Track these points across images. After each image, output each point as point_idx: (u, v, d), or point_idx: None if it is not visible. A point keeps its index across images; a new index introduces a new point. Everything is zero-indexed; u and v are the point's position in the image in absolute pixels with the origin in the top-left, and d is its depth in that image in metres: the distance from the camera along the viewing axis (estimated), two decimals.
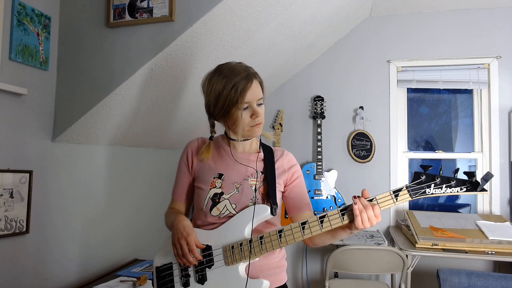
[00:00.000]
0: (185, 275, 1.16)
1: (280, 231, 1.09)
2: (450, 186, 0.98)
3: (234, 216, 1.16)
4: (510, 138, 2.76)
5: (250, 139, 1.26)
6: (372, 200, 1.03)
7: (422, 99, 3.13)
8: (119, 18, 1.70)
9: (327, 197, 2.88)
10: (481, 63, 2.85)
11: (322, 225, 1.06)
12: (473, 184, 0.97)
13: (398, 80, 2.99)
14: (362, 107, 2.99)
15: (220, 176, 1.21)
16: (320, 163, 2.92)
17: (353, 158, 2.99)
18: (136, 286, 1.76)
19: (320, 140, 2.95)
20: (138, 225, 2.38)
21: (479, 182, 0.96)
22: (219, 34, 1.80)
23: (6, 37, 1.51)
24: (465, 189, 0.98)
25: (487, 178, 0.95)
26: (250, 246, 1.10)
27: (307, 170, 2.93)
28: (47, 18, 1.71)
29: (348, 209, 1.04)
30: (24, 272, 1.64)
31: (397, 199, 1.01)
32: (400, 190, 1.01)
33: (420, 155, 3.04)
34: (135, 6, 1.69)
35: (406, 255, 2.20)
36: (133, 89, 1.77)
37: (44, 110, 1.73)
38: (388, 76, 3.00)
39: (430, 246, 2.22)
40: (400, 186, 1.03)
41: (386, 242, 2.51)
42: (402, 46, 2.98)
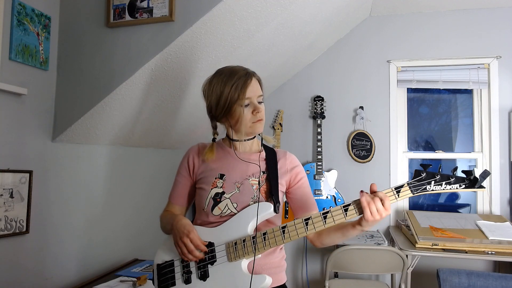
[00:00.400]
0: (186, 272, 1.16)
1: (283, 227, 1.10)
2: (449, 183, 1.01)
3: (236, 214, 1.16)
4: (510, 138, 2.76)
5: (251, 140, 1.27)
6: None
7: (422, 99, 3.13)
8: (119, 18, 1.71)
9: (327, 197, 2.88)
10: (481, 63, 2.85)
11: (326, 221, 1.06)
12: (471, 181, 0.99)
13: (398, 80, 2.99)
14: (362, 107, 2.99)
15: (221, 176, 1.22)
16: (320, 163, 2.92)
17: (353, 158, 2.99)
18: (136, 286, 1.76)
19: (320, 140, 2.95)
20: (138, 225, 2.38)
21: (478, 179, 0.98)
22: (219, 34, 1.80)
23: (6, 37, 1.52)
24: (464, 185, 1.00)
25: (485, 175, 0.97)
26: (254, 242, 1.11)
27: (307, 170, 2.93)
28: (47, 18, 1.72)
29: (351, 204, 1.05)
30: (24, 272, 1.64)
31: (398, 195, 1.03)
32: (401, 186, 1.03)
33: (420, 155, 3.04)
34: (135, 6, 1.69)
35: (406, 255, 2.20)
36: (133, 89, 1.77)
37: (44, 110, 1.73)
38: (388, 76, 3.00)
39: (430, 246, 2.22)
40: (401, 183, 1.05)
41: (386, 242, 2.51)
42: (402, 46, 2.98)
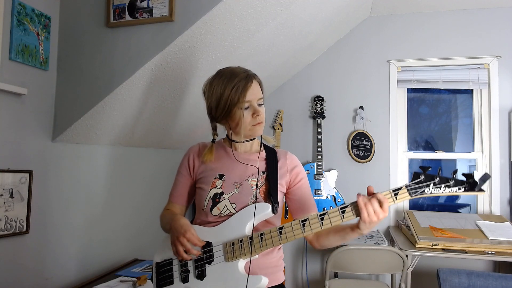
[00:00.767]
0: (184, 271, 1.17)
1: (280, 228, 1.10)
2: (448, 186, 0.99)
3: (234, 214, 1.16)
4: (510, 138, 2.75)
5: (251, 140, 1.26)
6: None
7: (422, 99, 3.13)
8: (119, 18, 1.71)
9: (327, 197, 2.88)
10: (481, 63, 2.85)
11: (322, 222, 1.06)
12: (471, 184, 0.98)
13: (398, 80, 2.99)
14: (362, 107, 2.99)
15: (221, 176, 1.22)
16: (320, 163, 2.92)
17: (353, 158, 2.99)
18: (136, 286, 1.76)
19: (320, 140, 2.95)
20: (138, 225, 2.39)
21: (477, 182, 0.96)
22: (219, 34, 1.80)
23: (6, 37, 1.52)
24: (463, 189, 0.98)
25: (485, 178, 0.96)
26: (251, 242, 1.11)
27: (307, 170, 2.93)
28: (47, 18, 1.71)
29: (349, 206, 1.05)
30: (24, 272, 1.64)
31: (396, 198, 1.02)
32: (399, 189, 1.02)
33: (420, 155, 3.04)
34: (135, 6, 1.69)
35: (406, 255, 2.20)
36: (133, 89, 1.77)
37: (44, 110, 1.73)
38: (388, 76, 3.00)
39: (430, 246, 2.22)
40: (399, 185, 1.04)
41: (386, 242, 2.51)
42: (402, 46, 2.98)
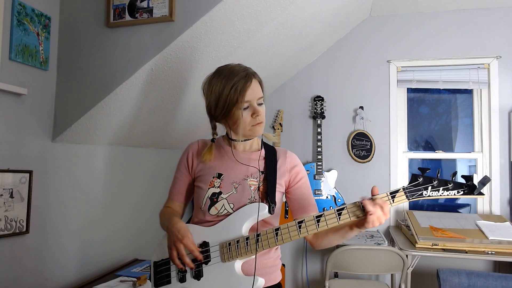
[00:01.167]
0: (181, 271, 1.18)
1: (276, 229, 1.10)
2: (447, 189, 0.98)
3: (231, 214, 1.16)
4: (510, 138, 2.75)
5: (251, 139, 1.26)
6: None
7: (422, 99, 3.13)
8: (119, 18, 1.70)
9: (327, 197, 2.88)
10: (481, 63, 2.85)
11: (319, 224, 1.06)
12: (470, 187, 0.96)
13: (398, 80, 2.99)
14: (362, 107, 2.99)
15: (219, 176, 1.21)
16: (320, 163, 2.92)
17: (353, 158, 2.99)
18: (136, 286, 1.76)
19: (320, 140, 2.95)
20: (138, 225, 2.38)
21: (476, 185, 0.95)
22: (219, 34, 1.80)
23: (6, 37, 1.51)
24: (462, 192, 0.97)
25: (485, 182, 0.94)
26: (247, 243, 1.11)
27: (307, 170, 2.93)
28: (47, 18, 1.71)
29: (345, 208, 1.05)
30: (24, 272, 1.64)
31: (393, 200, 1.01)
32: (397, 191, 1.02)
33: (420, 155, 3.04)
34: (135, 6, 1.69)
35: (406, 255, 2.20)
36: (133, 89, 1.77)
37: (44, 110, 1.73)
38: (388, 76, 3.00)
39: (430, 246, 2.22)
40: (397, 187, 1.03)
41: (386, 242, 2.51)
42: (402, 46, 2.98)
